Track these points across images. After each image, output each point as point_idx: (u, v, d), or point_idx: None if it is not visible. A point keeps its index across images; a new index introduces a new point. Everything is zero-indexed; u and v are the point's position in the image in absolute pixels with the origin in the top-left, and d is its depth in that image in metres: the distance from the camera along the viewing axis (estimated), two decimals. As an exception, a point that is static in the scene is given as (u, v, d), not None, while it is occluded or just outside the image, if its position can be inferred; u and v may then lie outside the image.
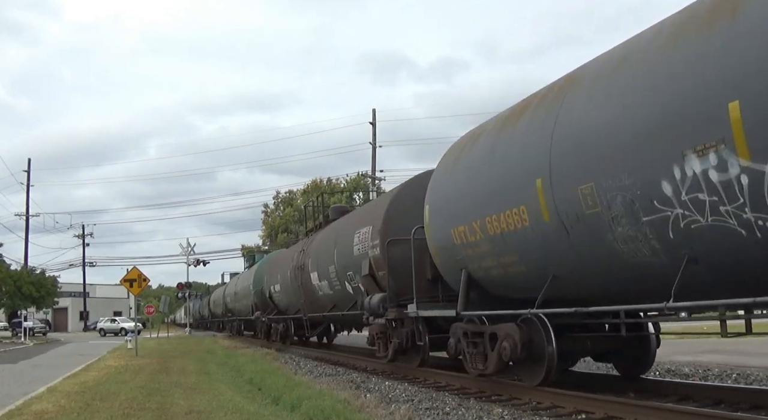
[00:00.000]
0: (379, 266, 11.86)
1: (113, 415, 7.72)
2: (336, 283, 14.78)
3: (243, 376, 12.65)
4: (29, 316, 43.72)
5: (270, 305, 23.63)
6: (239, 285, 32.20)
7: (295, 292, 19.25)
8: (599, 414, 6.78)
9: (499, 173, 7.97)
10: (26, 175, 53.68)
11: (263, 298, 24.50)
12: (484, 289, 8.91)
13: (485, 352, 8.58)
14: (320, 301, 16.62)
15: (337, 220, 16.87)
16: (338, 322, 19.66)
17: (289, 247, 26.61)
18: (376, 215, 12.43)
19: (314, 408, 7.37)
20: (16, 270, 45.18)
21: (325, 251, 15.70)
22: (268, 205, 63.12)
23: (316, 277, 16.45)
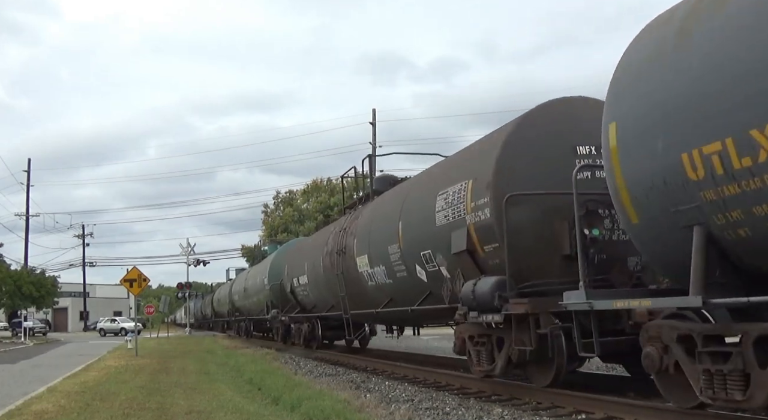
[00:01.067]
0: (486, 237, 8.21)
1: (113, 415, 7.72)
2: (399, 269, 11.13)
3: (243, 376, 12.65)
4: (29, 316, 43.71)
5: (291, 302, 20.43)
6: (250, 280, 28.64)
7: (329, 284, 15.55)
8: (599, 414, 6.78)
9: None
10: (26, 175, 53.67)
11: (282, 293, 21.23)
12: (733, 263, 5.30)
13: (744, 371, 5.04)
14: (370, 294, 12.95)
15: (399, 185, 13.03)
16: (397, 322, 15.05)
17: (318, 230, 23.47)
18: (480, 164, 8.56)
19: (314, 408, 7.37)
20: (16, 270, 45.16)
21: (380, 228, 11.95)
22: (268, 205, 63.09)
23: (365, 263, 12.62)
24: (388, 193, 13.20)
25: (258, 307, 25.96)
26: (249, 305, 28.64)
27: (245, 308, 30.11)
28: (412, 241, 10.34)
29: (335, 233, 15.28)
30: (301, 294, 18.99)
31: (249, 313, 29.08)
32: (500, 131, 8.88)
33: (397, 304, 11.82)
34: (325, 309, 17.04)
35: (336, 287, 14.66)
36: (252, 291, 27.36)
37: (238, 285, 32.96)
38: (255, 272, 28.44)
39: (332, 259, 14.80)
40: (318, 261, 16.35)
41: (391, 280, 11.62)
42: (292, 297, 19.99)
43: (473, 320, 8.32)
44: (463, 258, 8.69)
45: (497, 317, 7.80)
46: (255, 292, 26.56)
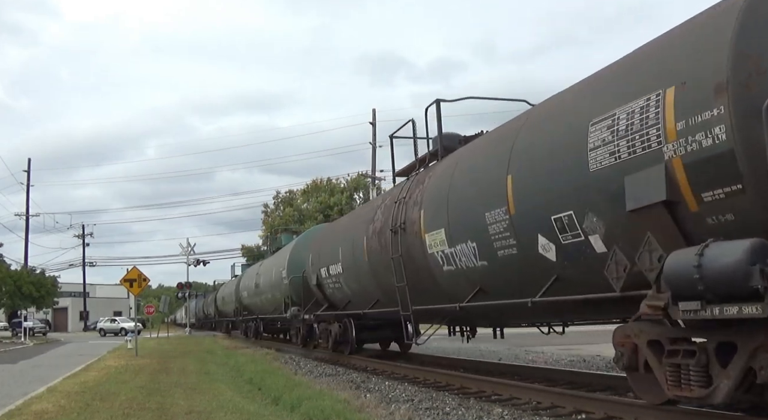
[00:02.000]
0: (711, 176, 4.93)
1: (113, 415, 7.72)
2: (503, 245, 7.64)
3: (243, 376, 12.65)
4: (29, 316, 43.72)
5: (316, 298, 17.27)
6: (263, 275, 25.13)
7: (376, 272, 12.24)
8: (599, 414, 6.78)
9: None
10: (26, 175, 53.69)
11: (305, 288, 17.92)
12: None
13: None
14: (444, 283, 9.56)
15: (502, 125, 8.82)
16: (493, 321, 11.18)
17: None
18: (691, 57, 5.22)
19: (314, 408, 7.37)
20: (16, 270, 45.17)
21: (469, 188, 8.52)
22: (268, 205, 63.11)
23: (439, 241, 9.20)
24: (479, 141, 9.53)
25: (272, 305, 23.16)
26: (261, 303, 25.65)
27: (255, 306, 27.39)
28: (535, 201, 6.92)
29: (387, 206, 11.67)
30: (331, 287, 15.62)
31: (260, 311, 26.25)
32: None
33: (492, 295, 8.39)
34: (366, 305, 13.39)
35: (389, 276, 11.23)
36: (265, 286, 24.33)
37: (247, 281, 29.97)
38: (269, 265, 24.67)
39: (383, 240, 11.47)
40: (359, 244, 12.93)
41: (485, 261, 8.12)
42: (319, 292, 16.71)
43: (693, 314, 4.87)
44: (656, 216, 5.36)
45: (759, 308, 4.38)
46: (269, 288, 23.41)
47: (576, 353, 14.56)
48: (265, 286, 24.35)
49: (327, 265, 15.52)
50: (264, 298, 24.76)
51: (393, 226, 10.88)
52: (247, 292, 29.12)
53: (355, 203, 50.44)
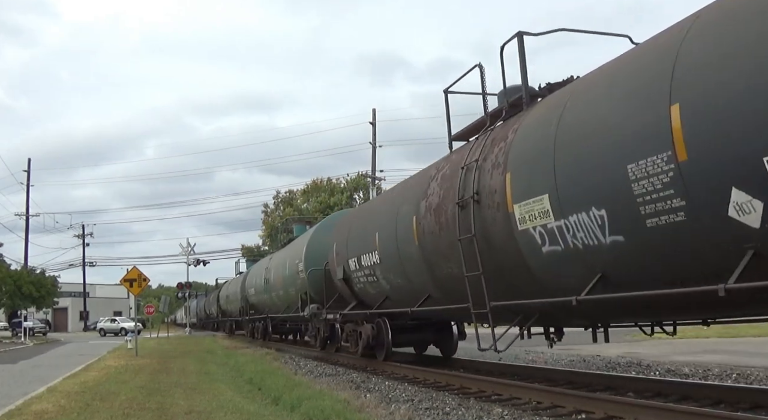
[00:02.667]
0: None
1: (113, 415, 7.71)
2: (658, 209, 5.43)
3: (243, 376, 12.64)
4: (29, 316, 43.71)
5: (343, 294, 14.83)
6: (274, 270, 22.69)
7: (430, 260, 9.86)
8: (599, 414, 6.78)
9: None
10: (26, 175, 53.68)
11: (327, 283, 15.50)
12: None
13: None
14: (540, 270, 7.36)
15: (664, 32, 5.98)
16: (638, 315, 7.80)
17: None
18: None
19: (314, 408, 7.37)
20: (16, 270, 45.16)
21: (592, 139, 6.28)
22: (268, 205, 63.16)
23: (538, 213, 7.02)
24: (606, 68, 6.75)
25: (284, 303, 20.95)
26: (271, 301, 23.35)
27: (264, 305, 25.12)
28: (731, 135, 4.68)
29: (446, 175, 9.35)
30: (363, 282, 13.16)
31: (270, 310, 23.94)
32: None
33: (621, 283, 6.13)
34: (412, 301, 10.88)
35: (450, 264, 9.05)
36: (276, 282, 21.87)
37: (254, 277, 27.57)
38: (282, 258, 21.99)
39: (443, 219, 9.14)
40: (405, 226, 10.48)
41: (619, 235, 5.89)
42: (345, 287, 14.33)
43: None
44: None
45: None
46: (281, 284, 20.96)
47: (576, 353, 14.56)
48: (276, 281, 22.01)
49: (357, 256, 13.05)
50: (275, 296, 22.46)
51: (460, 198, 8.39)
52: (254, 290, 27.05)
53: (355, 203, 50.46)
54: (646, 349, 14.19)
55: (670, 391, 7.96)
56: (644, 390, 8.18)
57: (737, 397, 7.21)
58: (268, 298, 23.87)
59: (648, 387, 8.36)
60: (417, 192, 10.42)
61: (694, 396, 7.54)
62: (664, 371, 10.82)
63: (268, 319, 24.87)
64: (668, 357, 12.99)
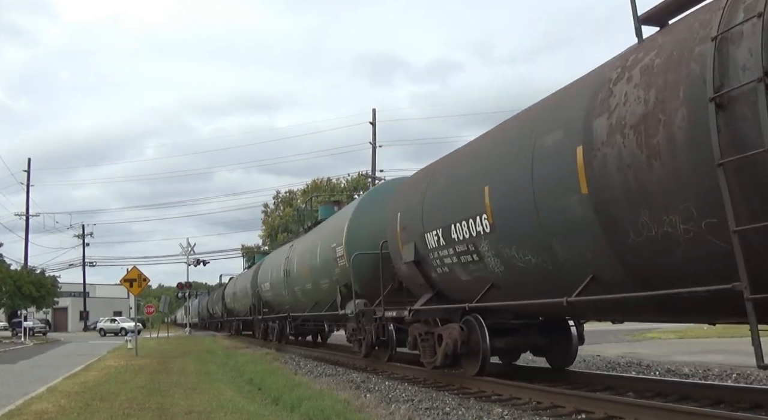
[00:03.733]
0: None
1: (113, 415, 7.71)
2: None
3: (243, 376, 12.64)
4: (29, 316, 43.72)
5: (410, 283, 11.37)
6: (297, 258, 18.63)
7: (610, 216, 6.17)
8: (599, 414, 6.78)
9: None
10: (26, 175, 53.69)
11: (383, 269, 11.88)
12: None
13: None
14: None
15: None
16: None
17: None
18: None
19: (314, 408, 7.36)
20: (16, 270, 45.17)
21: None
22: (268, 205, 63.19)
23: None
24: None
25: (312, 299, 17.21)
26: (293, 297, 19.57)
27: (283, 302, 21.24)
28: None
29: (661, 64, 5.67)
30: (448, 264, 9.60)
31: (293, 308, 20.04)
32: None
33: None
34: (553, 289, 7.41)
35: (678, 213, 5.39)
36: (301, 274, 17.81)
37: (269, 270, 23.25)
38: (308, 244, 17.68)
39: (662, 135, 5.45)
40: (559, 164, 6.84)
41: None
42: (416, 273, 10.57)
43: None
44: None
45: None
46: (310, 276, 16.97)
47: (576, 353, 14.53)
48: (300, 273, 18.09)
49: (442, 227, 9.40)
50: (299, 291, 18.70)
51: (716, 91, 4.80)
52: (269, 285, 23.11)
53: (355, 203, 50.36)
54: (646, 349, 14.19)
55: (670, 391, 7.96)
56: (644, 390, 8.18)
57: (737, 397, 7.21)
58: (288, 293, 19.95)
59: (648, 387, 8.35)
60: (581, 105, 6.65)
61: (694, 396, 7.54)
62: (664, 371, 10.82)
63: (288, 318, 20.76)
64: (668, 357, 12.99)
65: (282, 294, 21.04)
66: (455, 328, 9.54)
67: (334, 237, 14.80)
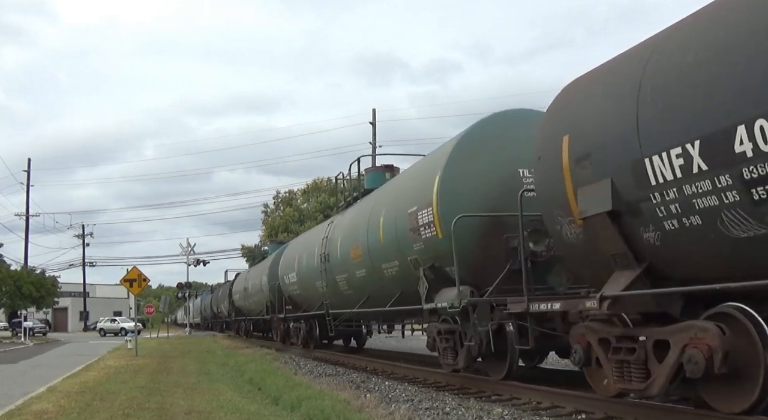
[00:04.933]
0: None
1: (113, 415, 7.72)
2: None
3: (243, 376, 12.64)
4: (29, 316, 43.71)
5: (619, 257, 6.09)
6: (342, 235, 14.32)
7: None
8: (599, 414, 6.78)
9: None
10: (26, 175, 53.67)
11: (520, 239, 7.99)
12: None
13: None
14: None
15: None
16: None
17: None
18: None
19: (314, 408, 7.37)
20: (16, 270, 45.18)
21: None
22: (268, 205, 63.15)
23: None
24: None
25: (369, 288, 13.00)
26: (336, 288, 14.91)
27: (315, 296, 16.81)
28: None
29: None
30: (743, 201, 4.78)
31: (334, 304, 15.54)
32: None
33: None
34: None
35: None
36: (352, 256, 13.37)
37: (297, 255, 18.68)
38: (365, 212, 13.11)
39: None
40: None
41: None
42: (629, 238, 6.00)
43: None
44: None
45: None
46: (368, 256, 12.43)
47: (576, 353, 14.52)
48: (348, 256, 13.69)
49: (693, 138, 5.04)
50: (345, 280, 14.20)
51: None
52: (296, 276, 18.60)
53: (355, 203, 50.35)
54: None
55: (670, 390, 7.93)
56: (644, 390, 8.17)
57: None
58: (326, 285, 15.28)
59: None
60: None
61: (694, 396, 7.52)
62: (664, 371, 10.79)
63: (328, 316, 15.78)
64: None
65: (315, 286, 16.40)
66: (711, 329, 5.30)
67: (415, 197, 10.32)
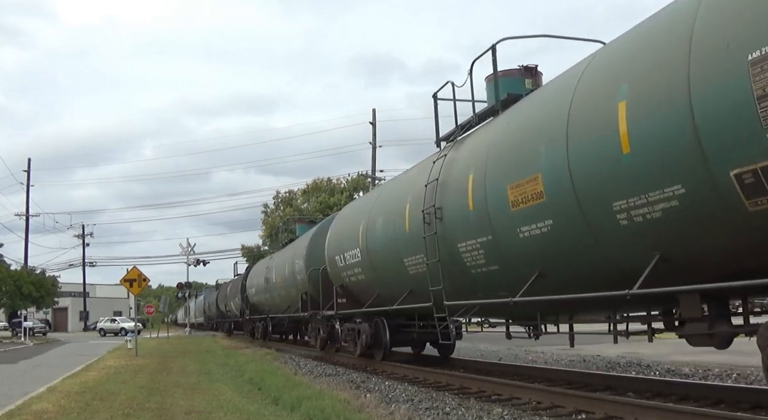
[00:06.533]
0: None
1: (113, 415, 7.72)
2: None
3: (243, 376, 12.63)
4: (29, 316, 43.71)
5: None
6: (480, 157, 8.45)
7: None
8: (599, 414, 6.78)
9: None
10: (26, 175, 53.65)
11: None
12: None
13: None
14: None
15: None
16: None
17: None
18: None
19: (314, 408, 7.36)
20: (16, 270, 45.15)
21: None
22: (268, 205, 63.10)
23: None
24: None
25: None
26: (481, 260, 8.43)
27: (414, 278, 10.47)
28: None
29: None
30: None
31: (491, 283, 8.53)
32: None
33: None
34: None
35: None
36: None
37: (358, 223, 13.02)
38: (499, 138, 8.22)
39: None
40: None
41: None
42: None
43: None
44: None
45: None
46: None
47: (576, 353, 14.54)
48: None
49: None
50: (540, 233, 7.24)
51: None
52: (360, 252, 12.84)
53: (355, 203, 50.28)
54: (646, 349, 14.17)
55: (670, 391, 7.95)
56: (644, 390, 8.18)
57: (737, 397, 7.20)
58: (435, 258, 9.38)
59: (648, 387, 8.35)
60: None
61: (694, 396, 7.54)
62: (664, 371, 10.81)
63: (439, 312, 9.71)
64: (668, 357, 12.98)
65: (402, 265, 11.06)
66: None
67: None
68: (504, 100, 8.92)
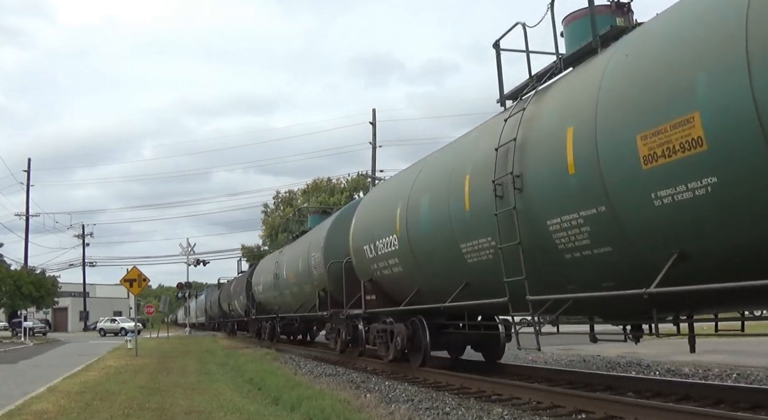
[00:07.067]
0: None
1: (113, 415, 7.71)
2: None
3: (243, 376, 12.63)
4: (29, 316, 43.69)
5: None
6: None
7: None
8: (599, 414, 6.78)
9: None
10: (26, 175, 53.64)
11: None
12: None
13: None
14: None
15: None
16: None
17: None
18: None
19: (314, 408, 7.36)
20: (16, 270, 45.15)
21: None
22: (268, 205, 63.17)
23: None
24: None
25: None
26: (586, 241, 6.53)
27: (475, 267, 8.65)
28: None
29: None
30: None
31: (586, 274, 6.85)
32: None
33: None
34: None
35: None
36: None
37: (394, 205, 11.13)
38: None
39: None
40: None
41: None
42: None
43: None
44: None
45: None
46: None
47: (576, 353, 14.55)
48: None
49: None
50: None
51: None
52: (398, 240, 10.96)
53: (355, 203, 50.28)
54: (646, 349, 14.18)
55: (670, 391, 7.95)
56: (644, 390, 8.18)
57: (737, 397, 7.21)
58: (516, 237, 7.27)
59: (648, 387, 8.35)
60: None
61: (694, 396, 7.54)
62: (664, 371, 10.81)
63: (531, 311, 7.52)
64: (668, 357, 12.99)
65: (451, 253, 9.65)
66: None
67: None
68: (604, 35, 7.10)
